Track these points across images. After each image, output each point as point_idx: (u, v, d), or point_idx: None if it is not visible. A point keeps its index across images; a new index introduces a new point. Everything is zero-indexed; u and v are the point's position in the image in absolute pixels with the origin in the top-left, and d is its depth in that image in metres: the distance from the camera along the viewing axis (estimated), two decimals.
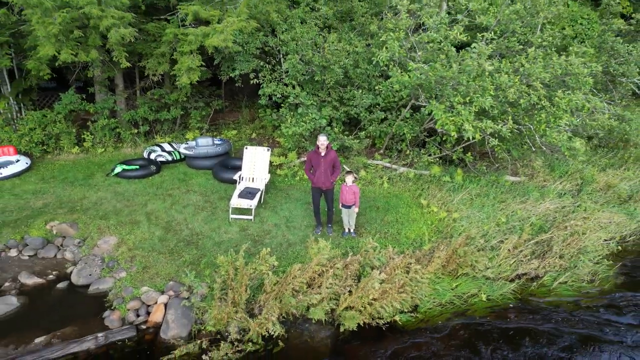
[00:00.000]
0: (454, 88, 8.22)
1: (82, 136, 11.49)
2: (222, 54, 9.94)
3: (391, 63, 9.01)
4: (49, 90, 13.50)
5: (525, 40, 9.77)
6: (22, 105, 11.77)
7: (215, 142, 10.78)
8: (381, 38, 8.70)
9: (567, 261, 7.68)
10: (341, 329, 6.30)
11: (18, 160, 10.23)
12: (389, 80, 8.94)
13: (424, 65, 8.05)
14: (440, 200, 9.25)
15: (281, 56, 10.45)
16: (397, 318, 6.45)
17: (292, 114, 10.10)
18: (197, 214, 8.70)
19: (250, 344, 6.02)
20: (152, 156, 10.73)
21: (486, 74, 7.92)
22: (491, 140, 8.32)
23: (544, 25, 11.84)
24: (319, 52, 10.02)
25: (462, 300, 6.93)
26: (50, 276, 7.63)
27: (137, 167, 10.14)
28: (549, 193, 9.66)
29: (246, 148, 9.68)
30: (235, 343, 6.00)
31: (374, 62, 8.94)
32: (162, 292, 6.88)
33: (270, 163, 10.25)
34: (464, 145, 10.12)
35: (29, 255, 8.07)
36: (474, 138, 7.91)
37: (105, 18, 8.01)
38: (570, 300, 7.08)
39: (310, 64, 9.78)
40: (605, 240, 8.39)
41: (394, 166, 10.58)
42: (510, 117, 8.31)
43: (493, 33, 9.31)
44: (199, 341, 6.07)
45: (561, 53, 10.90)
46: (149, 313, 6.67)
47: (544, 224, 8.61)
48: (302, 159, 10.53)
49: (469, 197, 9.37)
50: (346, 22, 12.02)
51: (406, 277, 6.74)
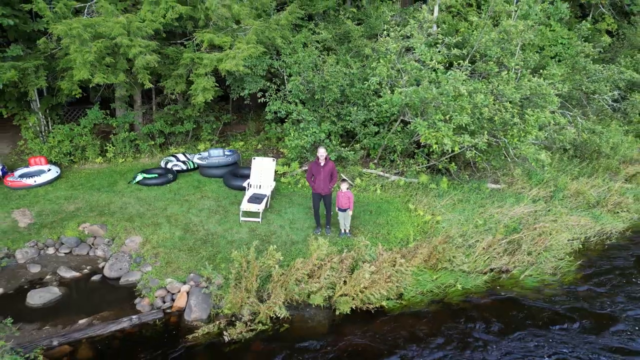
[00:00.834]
0: (436, 107, 9.44)
1: (105, 147, 12.71)
2: (233, 75, 11.18)
3: (382, 84, 10.25)
4: (73, 104, 14.72)
5: (501, 63, 10.98)
6: (50, 119, 13.00)
7: (225, 153, 12.01)
8: (372, 64, 9.96)
9: (534, 257, 8.85)
10: (337, 313, 7.46)
11: (49, 170, 11.43)
12: (379, 99, 10.17)
13: (406, 89, 9.28)
14: (426, 205, 10.43)
15: (285, 77, 11.69)
16: (384, 304, 7.61)
17: (295, 128, 11.33)
18: (211, 217, 9.88)
19: (260, 324, 7.18)
20: (169, 165, 11.93)
21: (465, 95, 9.14)
22: (468, 152, 9.52)
23: (524, 47, 13.10)
24: (319, 73, 11.27)
25: (441, 290, 8.09)
26: (85, 270, 8.80)
27: (156, 176, 11.34)
28: (523, 199, 10.84)
29: (254, 158, 10.90)
30: (248, 324, 7.16)
31: (366, 85, 10.19)
32: (184, 283, 8.05)
33: (275, 172, 11.42)
34: (449, 155, 11.31)
35: (65, 253, 9.25)
36: (453, 150, 9.12)
37: (134, 47, 9.27)
38: (534, 289, 8.23)
39: (311, 83, 11.03)
40: (569, 240, 9.55)
41: (386, 175, 11.77)
42: (486, 132, 9.52)
43: (475, 56, 10.54)
44: (217, 322, 7.23)
45: (537, 73, 12.16)
46: (173, 300, 7.83)
47: (517, 226, 9.77)
48: (304, 168, 11.72)
49: (452, 202, 10.55)
50: (344, 44, 13.28)
51: (393, 270, 7.91)
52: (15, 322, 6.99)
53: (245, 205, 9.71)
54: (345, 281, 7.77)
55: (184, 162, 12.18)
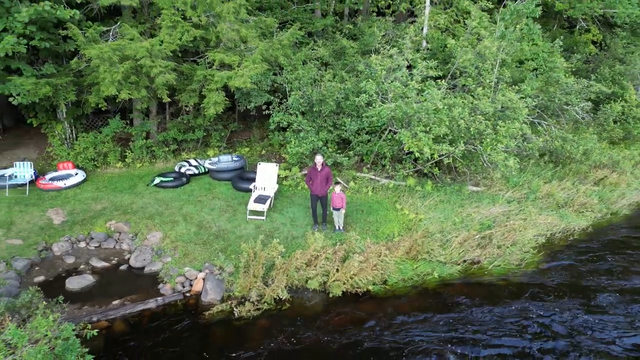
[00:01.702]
0: (418, 119, 10.80)
1: (124, 153, 14.09)
2: (241, 90, 12.57)
3: (372, 98, 11.63)
4: (94, 114, 16.10)
5: (478, 81, 12.34)
6: (74, 127, 14.39)
7: (233, 159, 13.39)
8: (361, 83, 11.36)
9: (503, 250, 10.19)
10: (330, 295, 8.82)
11: (77, 174, 12.81)
12: (368, 112, 11.54)
13: (390, 104, 10.66)
14: (412, 205, 11.78)
15: (287, 91, 13.08)
16: (371, 288, 8.96)
17: (295, 136, 12.70)
18: (222, 215, 11.25)
19: (265, 304, 8.54)
20: (183, 170, 13.31)
21: (444, 109, 10.50)
22: (446, 159, 10.88)
23: (503, 62, 14.46)
24: (317, 88, 12.65)
25: (420, 277, 9.44)
26: (113, 261, 10.17)
27: (172, 179, 12.71)
28: (499, 200, 12.18)
29: (259, 164, 12.27)
30: (255, 303, 8.52)
31: (357, 100, 11.58)
32: (200, 271, 9.41)
33: (278, 176, 12.76)
34: (434, 161, 12.65)
35: (94, 246, 10.63)
36: (432, 157, 10.47)
37: (155, 67, 10.67)
38: (500, 277, 9.57)
39: (309, 97, 12.42)
40: (535, 235, 10.88)
41: (377, 178, 13.13)
42: (463, 141, 10.88)
43: (456, 72, 11.89)
44: (229, 302, 8.59)
45: (516, 85, 13.52)
46: (191, 285, 9.19)
47: (490, 223, 11.11)
48: (304, 172, 13.08)
49: (434, 203, 11.90)
50: (340, 60, 14.66)
51: (378, 260, 9.26)
52: (58, 304, 8.35)
53: (252, 205, 11.08)
54: (337, 269, 9.12)
55: (195, 167, 13.55)
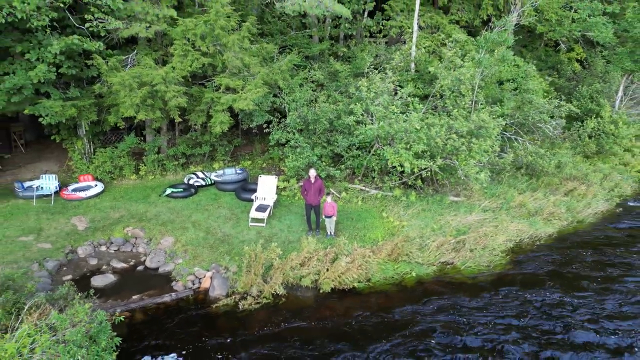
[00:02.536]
0: (400, 138, 12.24)
1: (138, 167, 15.53)
2: (244, 111, 14.03)
3: (361, 117, 13.09)
4: (110, 131, 17.58)
5: (455, 102, 13.78)
6: (92, 143, 15.86)
7: (237, 171, 14.83)
8: (350, 106, 12.84)
9: (474, 253, 11.54)
10: (320, 291, 10.17)
11: (96, 185, 14.25)
12: (356, 131, 12.99)
13: (374, 125, 12.12)
14: (396, 213, 13.15)
15: (286, 110, 14.55)
16: (356, 285, 10.32)
17: (293, 152, 14.14)
18: (227, 222, 12.65)
19: (264, 299, 9.89)
20: (191, 181, 14.73)
21: (423, 129, 11.93)
22: (424, 172, 12.29)
23: (482, 83, 15.94)
24: (312, 108, 14.12)
25: (400, 276, 10.80)
26: (131, 263, 11.55)
27: (182, 190, 14.13)
28: (475, 208, 13.55)
29: (260, 176, 13.69)
30: (256, 298, 9.88)
31: (347, 121, 13.05)
32: (208, 270, 10.78)
33: (277, 187, 14.18)
34: (418, 174, 14.03)
35: (114, 250, 12.02)
36: (413, 171, 11.89)
37: (169, 92, 12.16)
38: (470, 277, 10.92)
39: (305, 117, 13.88)
40: (504, 240, 12.24)
41: (367, 189, 14.54)
42: (440, 157, 12.30)
43: (436, 95, 13.34)
44: (233, 297, 9.95)
45: (495, 105, 14.98)
46: (200, 282, 10.56)
47: (466, 230, 12.47)
48: (299, 184, 14.49)
49: (417, 212, 13.27)
50: (334, 82, 16.15)
51: (363, 261, 10.63)
52: (88, 297, 9.72)
53: (253, 213, 12.48)
54: (327, 269, 10.48)
55: (203, 179, 14.97)
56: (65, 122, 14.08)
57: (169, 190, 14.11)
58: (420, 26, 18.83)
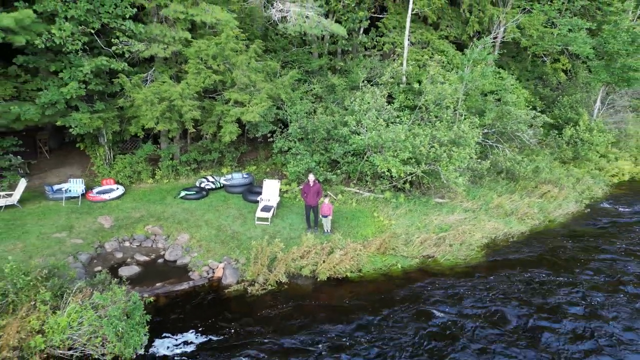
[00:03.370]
0: (388, 147, 13.88)
1: (154, 171, 17.18)
2: (251, 122, 15.69)
3: (353, 129, 14.74)
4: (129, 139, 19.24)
5: (438, 114, 15.42)
6: (112, 150, 17.51)
7: (244, 176, 16.48)
8: (344, 118, 14.51)
9: (453, 248, 13.15)
10: (318, 279, 11.79)
11: (117, 188, 15.88)
12: (350, 140, 14.65)
13: (364, 135, 13.77)
14: (386, 213, 14.77)
15: (288, 121, 16.21)
16: (349, 274, 11.94)
17: (294, 158, 15.78)
18: (235, 221, 14.27)
19: (269, 286, 11.51)
20: (202, 185, 16.37)
21: (408, 139, 13.57)
22: (411, 177, 13.92)
23: (466, 95, 17.60)
24: (311, 120, 15.78)
25: (387, 267, 12.42)
26: (152, 256, 13.17)
27: (194, 192, 15.76)
28: (457, 209, 15.17)
29: (265, 180, 15.33)
30: (262, 285, 11.50)
31: (343, 131, 14.71)
32: (220, 262, 12.41)
33: (280, 190, 15.80)
34: (406, 178, 15.63)
35: (136, 245, 13.64)
36: (400, 176, 13.52)
37: (185, 106, 13.83)
38: (448, 268, 12.53)
39: (305, 127, 15.54)
40: (481, 237, 13.85)
41: (361, 192, 16.16)
42: (424, 163, 13.93)
43: (422, 107, 14.98)
44: (243, 284, 11.58)
45: (479, 116, 16.62)
46: (214, 272, 12.18)
47: (447, 227, 14.08)
48: (300, 187, 16.11)
49: (404, 212, 14.89)
50: (331, 95, 17.81)
51: (355, 254, 12.25)
52: (121, 283, 11.34)
53: (259, 213, 14.11)
54: (324, 261, 12.10)
55: (213, 182, 16.61)
56: (92, 132, 15.73)
57: (183, 193, 15.74)
58: (411, 42, 20.51)
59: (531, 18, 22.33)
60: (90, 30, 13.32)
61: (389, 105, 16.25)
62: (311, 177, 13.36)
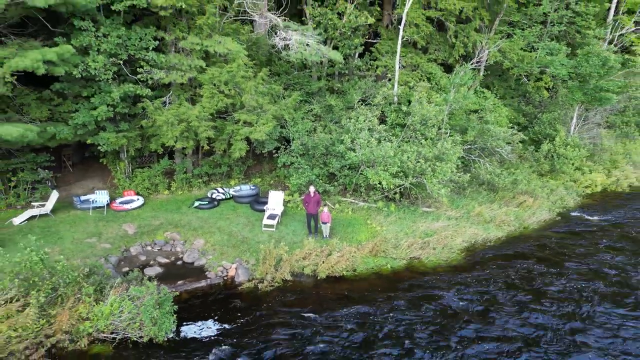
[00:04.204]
0: (379, 162, 15.81)
1: (170, 184, 19.05)
2: (258, 140, 17.62)
3: (352, 142, 16.70)
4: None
5: (424, 132, 17.38)
6: (131, 164, 19.38)
7: (251, 188, 18.36)
8: (340, 137, 16.47)
9: (437, 251, 15.01)
10: (318, 278, 13.62)
11: (138, 199, 17.73)
12: (346, 155, 16.58)
13: (358, 152, 15.72)
14: (378, 221, 16.63)
15: (291, 138, 18.15)
16: (345, 273, 13.77)
17: (296, 171, 17.68)
18: (245, 228, 16.12)
19: (276, 283, 13.33)
20: (214, 195, 18.23)
21: (397, 155, 15.50)
22: (399, 188, 15.82)
23: (451, 114, 19.58)
24: (311, 137, 17.71)
25: (378, 267, 14.25)
26: (172, 259, 14.99)
27: (207, 202, 17.62)
28: (441, 217, 17.05)
29: (270, 192, 17.22)
30: (270, 282, 13.31)
31: (340, 148, 16.66)
32: (233, 263, 14.23)
33: (284, 200, 17.66)
34: (396, 189, 17.51)
35: (157, 249, 15.45)
36: (389, 188, 15.41)
37: (201, 127, 15.76)
38: (431, 268, 14.38)
39: (306, 144, 17.47)
40: (462, 241, 15.71)
41: (356, 202, 18.04)
42: (412, 176, 15.84)
43: (409, 126, 16.95)
44: (253, 281, 13.39)
45: (462, 134, 18.60)
46: (227, 272, 13.99)
47: (432, 233, 15.94)
48: (301, 198, 17.99)
49: (395, 219, 16.75)
50: (329, 114, 19.78)
51: (350, 255, 14.09)
52: (151, 279, 13.12)
53: (265, 221, 15.96)
54: (323, 261, 13.94)
55: (223, 193, 18.48)
56: (116, 149, 17.63)
57: (196, 203, 17.60)
58: (402, 65, 22.55)
59: (512, 43, 24.48)
60: (119, 61, 15.29)
61: (381, 124, 18.23)
62: (312, 189, 15.24)
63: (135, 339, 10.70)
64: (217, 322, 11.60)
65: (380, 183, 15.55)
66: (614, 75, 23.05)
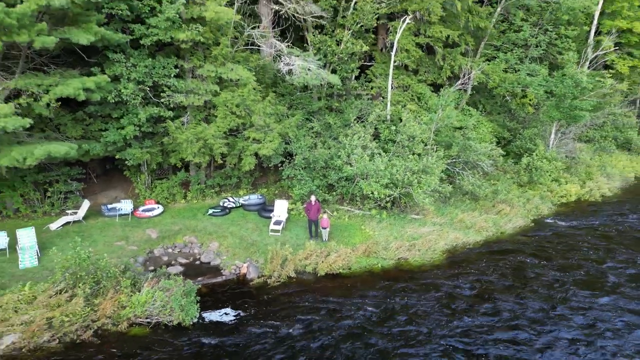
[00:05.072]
0: (371, 175, 18.09)
1: (186, 193, 21.29)
2: (265, 155, 19.91)
3: (344, 161, 18.98)
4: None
5: (411, 148, 19.67)
6: (151, 176, 21.64)
7: (258, 197, 20.64)
8: (338, 153, 18.78)
9: (421, 252, 17.22)
10: (318, 275, 15.83)
11: (158, 207, 19.96)
12: (343, 169, 18.85)
13: (353, 166, 18.00)
14: (371, 226, 18.85)
15: (294, 153, 20.46)
16: (341, 271, 15.98)
17: (298, 182, 19.96)
18: (254, 232, 18.34)
19: (282, 279, 15.52)
20: (225, 204, 20.48)
21: (387, 169, 17.77)
22: (391, 197, 18.07)
23: (437, 131, 21.90)
24: (312, 152, 20.02)
25: (370, 266, 16.46)
26: (190, 259, 17.19)
27: (219, 210, 19.85)
28: (426, 223, 19.27)
29: (276, 200, 19.47)
30: (277, 278, 15.51)
31: (338, 163, 18.95)
32: (244, 262, 16.43)
33: (288, 208, 19.87)
34: (385, 198, 19.72)
35: (177, 251, 17.66)
36: (380, 197, 17.67)
37: (216, 144, 18.07)
38: (416, 267, 16.59)
39: (307, 159, 19.78)
40: (444, 244, 17.91)
41: (352, 209, 20.29)
42: (401, 187, 18.10)
43: (399, 143, 19.29)
44: (262, 278, 15.60)
45: (447, 149, 20.92)
46: (240, 270, 16.19)
47: (418, 237, 18.15)
48: (303, 206, 20.21)
49: (386, 225, 18.97)
50: (328, 131, 22.11)
51: (346, 256, 16.31)
52: (177, 275, 15.32)
53: (272, 226, 18.20)
54: (322, 261, 16.15)
55: (233, 202, 20.72)
56: (138, 164, 19.92)
57: (210, 211, 19.83)
58: (394, 86, 24.94)
59: (494, 65, 26.90)
60: (146, 87, 17.65)
61: (375, 139, 20.53)
62: (313, 198, 17.51)
63: (166, 322, 12.89)
64: (233, 310, 13.79)
65: (372, 193, 17.83)
66: (587, 95, 25.37)
